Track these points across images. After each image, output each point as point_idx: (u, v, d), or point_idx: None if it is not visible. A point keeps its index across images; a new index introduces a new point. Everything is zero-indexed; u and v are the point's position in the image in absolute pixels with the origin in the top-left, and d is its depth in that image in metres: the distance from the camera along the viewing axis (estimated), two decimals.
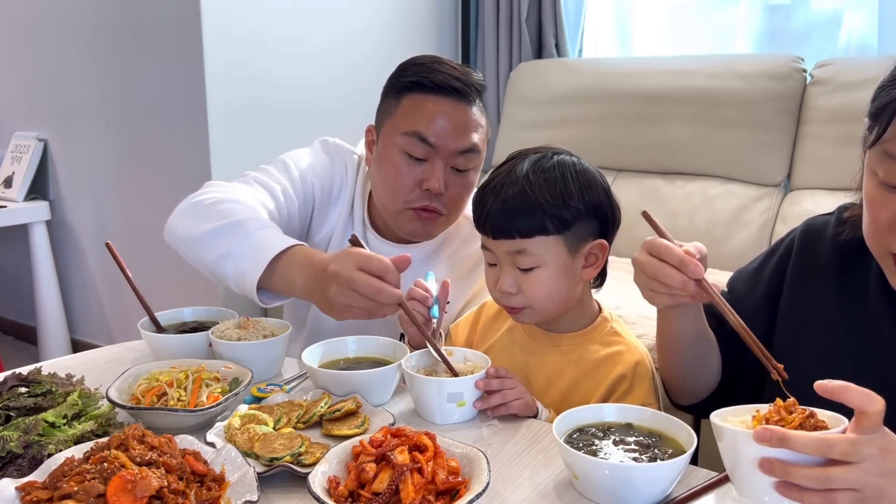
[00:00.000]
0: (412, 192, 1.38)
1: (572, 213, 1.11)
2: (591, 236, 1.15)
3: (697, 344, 1.08)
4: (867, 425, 0.72)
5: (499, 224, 1.13)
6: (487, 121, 1.45)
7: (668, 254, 0.93)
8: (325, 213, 1.53)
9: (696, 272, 0.92)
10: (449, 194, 1.39)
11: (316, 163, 1.52)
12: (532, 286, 1.13)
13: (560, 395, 1.17)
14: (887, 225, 0.90)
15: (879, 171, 0.89)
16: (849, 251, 1.03)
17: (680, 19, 3.01)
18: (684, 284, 0.92)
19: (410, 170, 1.37)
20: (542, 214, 1.10)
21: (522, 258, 1.12)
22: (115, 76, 2.85)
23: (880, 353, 0.99)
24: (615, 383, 1.15)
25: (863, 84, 2.32)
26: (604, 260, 1.18)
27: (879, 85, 0.90)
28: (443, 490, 0.82)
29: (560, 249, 1.13)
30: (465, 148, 1.37)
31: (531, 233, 1.11)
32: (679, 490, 0.87)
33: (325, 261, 1.13)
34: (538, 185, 1.11)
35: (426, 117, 1.36)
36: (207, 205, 1.32)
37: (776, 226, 2.39)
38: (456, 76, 1.38)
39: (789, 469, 0.73)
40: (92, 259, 3.15)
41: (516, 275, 1.14)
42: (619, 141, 2.70)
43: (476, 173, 1.44)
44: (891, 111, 0.85)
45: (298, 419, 1.03)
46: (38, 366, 1.15)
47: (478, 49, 3.33)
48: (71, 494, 0.76)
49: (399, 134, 1.38)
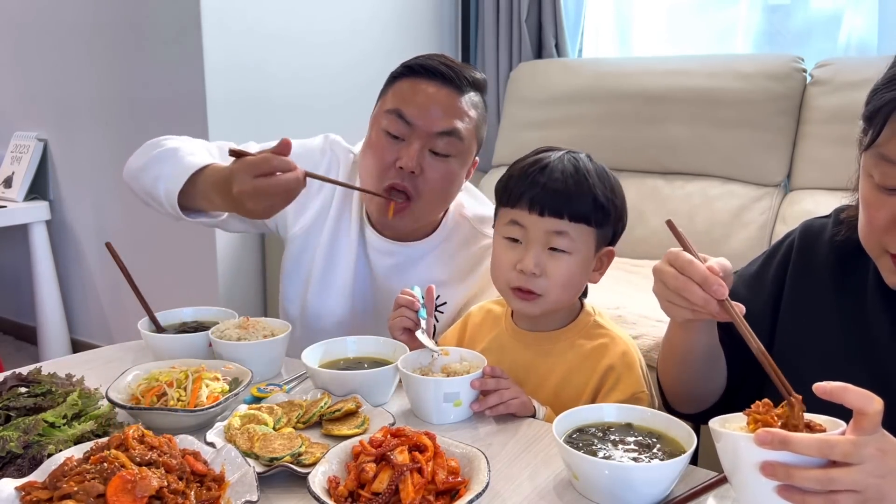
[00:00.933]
0: (388, 170, 1.36)
1: (612, 211, 1.16)
2: (607, 241, 1.19)
3: (709, 357, 1.07)
4: (866, 426, 0.72)
5: (553, 201, 1.13)
6: (480, 116, 1.42)
7: (691, 270, 0.90)
8: (303, 204, 1.48)
9: (720, 292, 0.89)
10: (424, 177, 1.36)
11: (303, 149, 1.51)
12: (558, 270, 1.14)
13: (551, 392, 1.18)
14: (883, 226, 0.90)
15: (875, 173, 0.88)
16: (846, 252, 1.03)
17: (680, 19, 3.01)
18: (706, 303, 0.90)
19: (389, 147, 1.36)
20: (593, 203, 1.13)
21: (560, 239, 1.14)
22: (114, 76, 2.85)
23: (879, 353, 0.99)
24: (604, 374, 1.16)
25: (863, 84, 2.29)
26: (607, 267, 1.21)
27: (873, 88, 0.90)
28: (443, 490, 0.82)
29: (591, 242, 1.16)
30: (442, 130, 1.35)
31: (578, 218, 1.13)
32: (679, 490, 0.87)
33: (228, 180, 1.20)
34: (593, 175, 1.14)
35: (409, 97, 1.36)
36: (153, 142, 1.46)
37: (776, 226, 2.40)
38: (448, 64, 1.38)
39: (791, 472, 0.72)
40: (92, 259, 3.15)
41: (545, 256, 1.14)
42: (618, 141, 2.70)
43: (460, 165, 1.40)
44: (884, 115, 0.85)
45: (298, 419, 1.03)
46: (38, 366, 1.15)
47: (478, 49, 3.33)
48: (71, 494, 0.76)
49: (383, 113, 1.38)
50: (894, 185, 0.87)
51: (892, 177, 0.86)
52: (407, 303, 1.22)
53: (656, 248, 2.49)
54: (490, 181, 2.83)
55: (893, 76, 0.87)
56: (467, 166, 1.43)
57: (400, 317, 1.23)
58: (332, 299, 1.52)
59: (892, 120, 0.85)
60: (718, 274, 0.90)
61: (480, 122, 1.42)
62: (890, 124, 0.85)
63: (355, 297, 1.51)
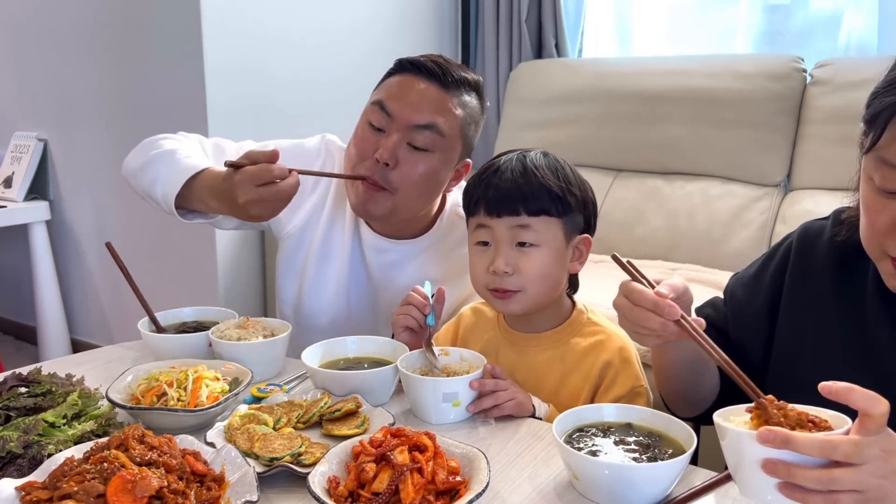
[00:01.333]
0: (365, 160, 1.36)
1: (572, 200, 1.17)
2: (579, 229, 1.20)
3: (695, 367, 1.07)
4: (871, 427, 0.72)
5: (506, 200, 1.15)
6: (469, 116, 1.39)
7: (640, 298, 0.92)
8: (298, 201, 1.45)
9: (672, 313, 0.90)
10: (400, 171, 1.34)
11: (298, 148, 1.51)
12: (529, 265, 1.15)
13: (550, 391, 1.18)
14: (884, 229, 0.90)
15: (875, 177, 0.88)
16: (846, 254, 1.03)
17: (680, 19, 3.01)
18: (664, 327, 0.91)
19: (370, 139, 1.37)
20: (547, 195, 1.15)
21: (525, 233, 1.15)
22: (114, 76, 2.85)
23: (879, 355, 0.99)
24: (602, 371, 1.16)
25: (863, 84, 2.31)
26: (587, 255, 1.22)
27: (873, 90, 0.90)
28: (443, 490, 0.82)
29: (558, 233, 1.17)
30: (421, 122, 1.34)
31: (538, 211, 1.15)
32: (679, 490, 0.87)
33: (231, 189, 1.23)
34: (543, 170, 1.17)
35: (394, 90, 1.37)
36: (150, 141, 1.48)
37: (776, 226, 2.39)
38: (437, 62, 1.38)
39: (792, 470, 0.72)
40: (92, 259, 3.15)
41: (514, 254, 1.16)
42: (618, 141, 2.69)
43: (441, 161, 1.38)
44: (885, 119, 0.85)
45: (298, 419, 1.03)
46: (38, 366, 1.15)
47: (478, 49, 3.33)
48: (71, 494, 0.76)
49: (369, 105, 1.40)
50: (895, 189, 0.87)
51: (892, 180, 0.86)
52: (418, 304, 1.22)
53: (656, 248, 2.49)
54: None
55: (893, 79, 0.87)
56: (450, 165, 1.41)
57: (406, 315, 1.22)
58: (327, 297, 1.51)
59: (893, 124, 0.84)
60: (668, 296, 0.91)
61: (468, 122, 1.39)
62: (890, 128, 0.85)
63: (350, 295, 1.51)
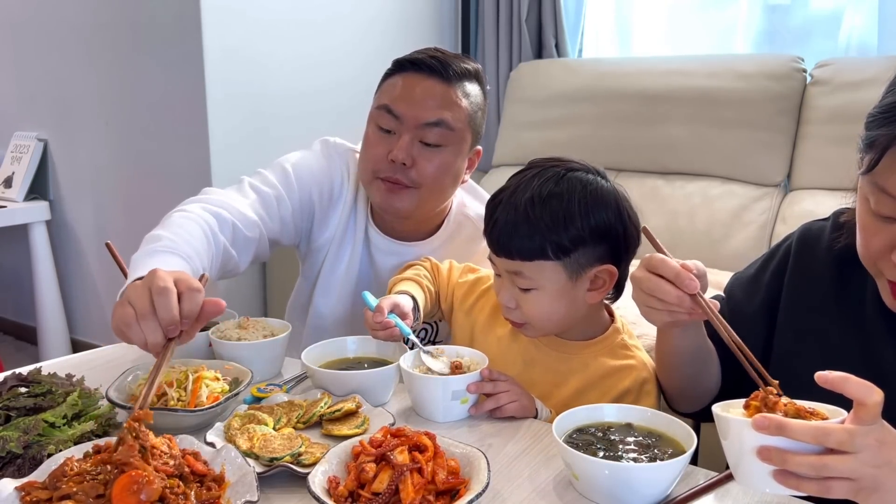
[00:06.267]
0: (380, 163, 1.38)
1: (573, 238, 1.08)
2: (596, 261, 1.11)
3: (697, 359, 1.08)
4: (865, 417, 0.73)
5: (500, 241, 1.12)
6: (474, 105, 1.41)
7: (663, 268, 0.93)
8: (326, 219, 1.51)
9: (691, 286, 0.92)
10: (417, 169, 1.37)
11: (315, 167, 1.50)
12: (529, 306, 1.13)
13: (563, 402, 1.16)
14: (878, 252, 0.90)
15: (871, 200, 0.88)
16: (845, 261, 1.03)
17: (680, 19, 3.01)
18: (680, 300, 0.92)
19: (380, 141, 1.38)
20: (541, 239, 1.08)
21: (520, 279, 1.12)
22: (114, 76, 2.85)
23: (878, 362, 0.99)
24: (620, 397, 1.14)
25: (863, 84, 2.32)
26: (612, 284, 1.14)
27: (870, 113, 0.88)
28: (443, 490, 0.82)
29: (559, 275, 1.10)
30: (429, 120, 1.35)
31: (530, 256, 1.09)
32: (679, 490, 0.87)
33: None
34: (540, 208, 1.08)
35: (397, 91, 1.38)
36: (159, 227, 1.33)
37: (776, 226, 2.40)
38: (435, 56, 1.38)
39: (786, 457, 0.73)
40: (92, 259, 3.15)
41: (515, 292, 1.14)
42: (618, 141, 2.69)
43: (454, 154, 1.39)
44: (881, 148, 0.84)
45: (298, 419, 1.03)
46: (38, 366, 1.15)
47: (478, 49, 3.33)
48: (70, 495, 0.76)
49: (374, 110, 1.41)
50: (888, 215, 0.87)
51: (886, 206, 0.86)
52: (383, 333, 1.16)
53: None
54: (490, 181, 2.83)
55: (890, 105, 0.86)
56: (463, 155, 1.42)
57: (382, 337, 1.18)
58: (335, 299, 1.52)
59: (889, 154, 0.84)
60: (692, 270, 0.93)
61: (475, 110, 1.41)
62: (886, 158, 0.84)
63: (357, 298, 1.51)
